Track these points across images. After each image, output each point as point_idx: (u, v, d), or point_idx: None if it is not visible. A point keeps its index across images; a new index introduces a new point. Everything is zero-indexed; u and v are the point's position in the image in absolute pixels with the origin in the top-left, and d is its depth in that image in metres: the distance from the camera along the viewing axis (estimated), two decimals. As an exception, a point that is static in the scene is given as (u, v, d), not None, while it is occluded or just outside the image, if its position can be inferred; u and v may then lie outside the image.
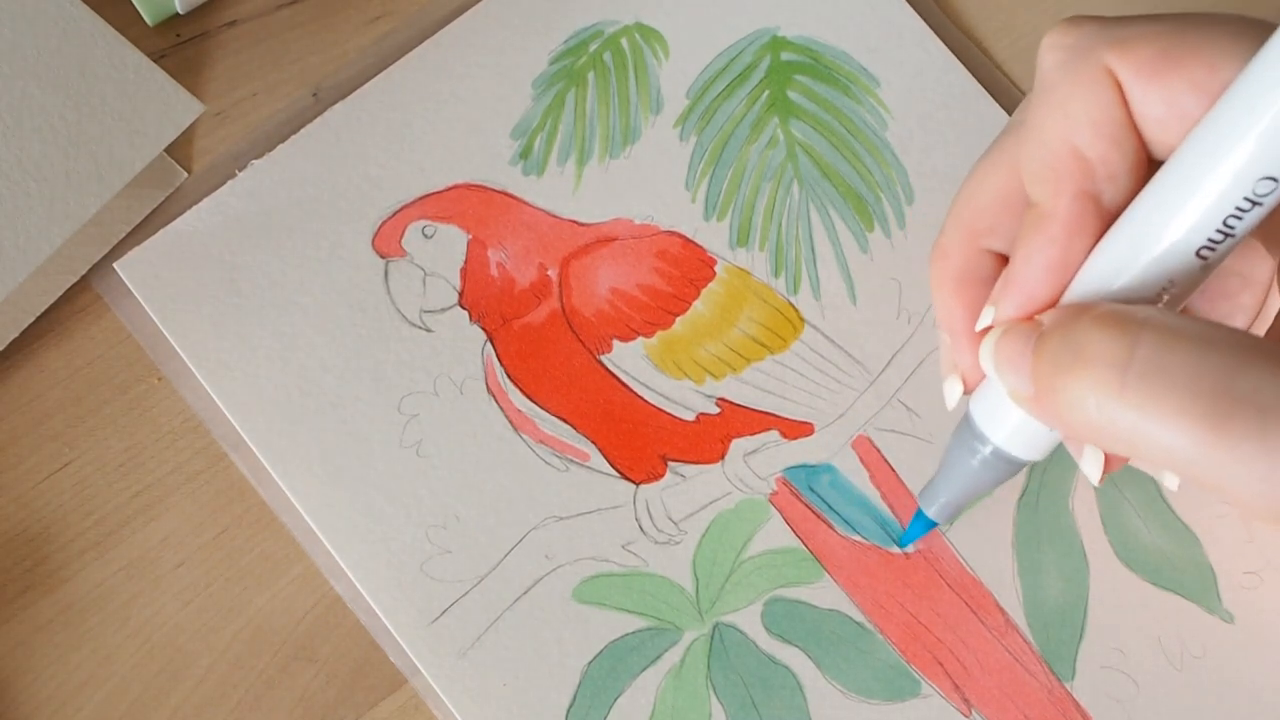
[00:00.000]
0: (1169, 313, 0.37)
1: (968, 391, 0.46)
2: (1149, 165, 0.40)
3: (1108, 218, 0.40)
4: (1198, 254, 0.38)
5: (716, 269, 0.57)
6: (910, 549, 0.53)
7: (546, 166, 0.58)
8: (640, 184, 0.58)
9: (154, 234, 0.57)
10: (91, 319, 0.57)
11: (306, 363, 0.55)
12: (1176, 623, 0.53)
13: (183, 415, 0.55)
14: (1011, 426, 0.44)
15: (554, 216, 0.57)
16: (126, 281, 0.56)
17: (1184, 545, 0.54)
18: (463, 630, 0.52)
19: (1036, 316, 0.40)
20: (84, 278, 0.56)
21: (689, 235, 0.57)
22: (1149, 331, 0.35)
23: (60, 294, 0.56)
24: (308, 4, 0.61)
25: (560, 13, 0.60)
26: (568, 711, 0.51)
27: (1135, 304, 0.39)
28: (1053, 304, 0.41)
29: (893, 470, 0.54)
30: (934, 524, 0.50)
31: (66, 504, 0.54)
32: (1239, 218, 0.37)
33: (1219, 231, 0.37)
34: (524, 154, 0.58)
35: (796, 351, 0.56)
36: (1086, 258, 0.40)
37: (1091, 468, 0.43)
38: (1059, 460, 0.54)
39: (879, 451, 0.55)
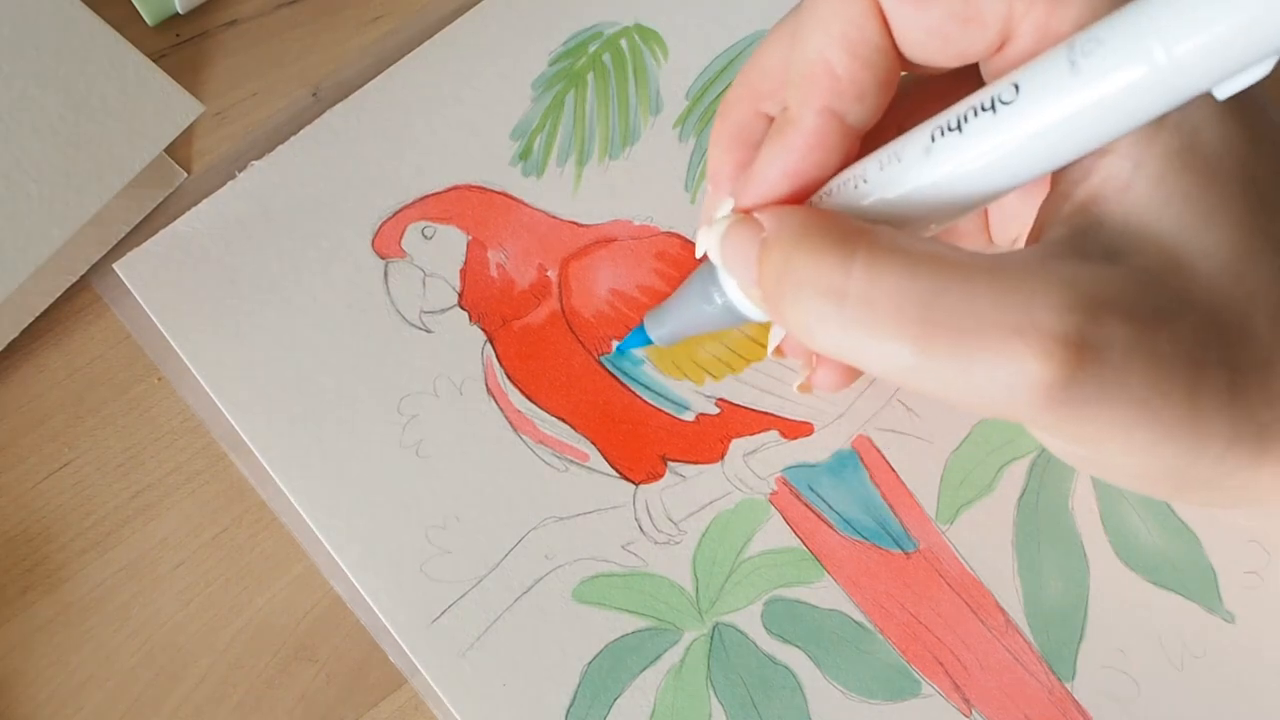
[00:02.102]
0: (883, 231, 0.38)
1: None
2: (897, 85, 0.42)
3: (851, 134, 0.41)
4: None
5: None
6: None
7: (546, 167, 0.58)
8: (640, 185, 0.58)
9: (154, 234, 0.57)
10: (91, 319, 0.57)
11: (306, 363, 0.55)
12: (1177, 622, 0.53)
13: (183, 415, 0.56)
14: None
15: (553, 217, 0.58)
16: (126, 282, 0.56)
17: (1184, 545, 0.54)
18: (462, 630, 0.52)
19: (756, 215, 0.42)
20: (84, 278, 0.57)
21: (688, 236, 0.57)
22: (861, 257, 0.37)
23: (60, 294, 0.56)
24: (308, 4, 0.62)
25: (559, 14, 0.61)
26: (567, 711, 0.51)
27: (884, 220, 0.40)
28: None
29: (893, 470, 0.54)
30: (650, 342, 0.51)
31: (66, 504, 0.54)
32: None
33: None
34: (523, 155, 0.58)
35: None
36: (823, 169, 0.42)
37: (774, 339, 0.48)
38: (1059, 460, 0.53)
39: (879, 451, 0.55)
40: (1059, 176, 0.40)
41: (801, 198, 0.42)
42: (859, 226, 0.38)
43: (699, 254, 0.47)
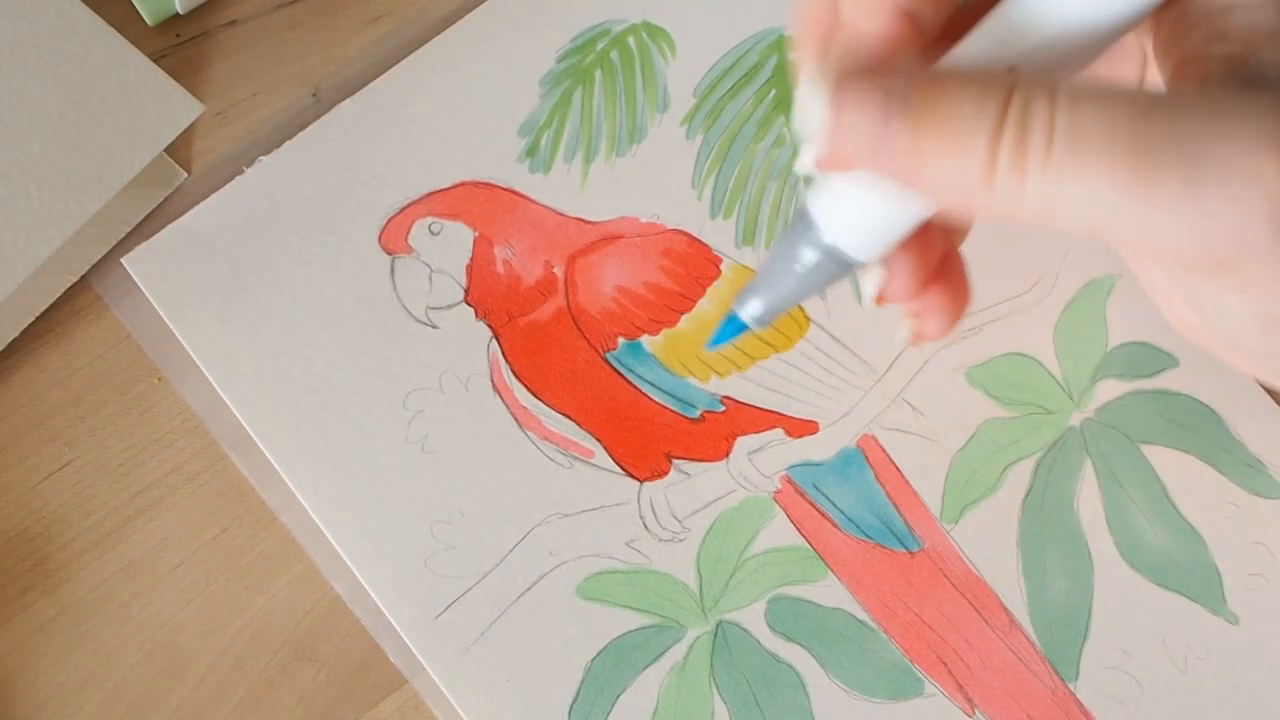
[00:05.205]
0: (1059, 79, 0.37)
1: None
2: None
3: (919, 29, 0.40)
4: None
5: (722, 267, 0.59)
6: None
7: (553, 164, 0.61)
8: (646, 182, 0.60)
9: (157, 232, 0.59)
10: (91, 319, 0.59)
11: (313, 359, 0.57)
12: (1181, 624, 0.55)
13: (183, 415, 0.58)
14: (853, 224, 0.42)
15: (560, 214, 0.60)
16: (134, 277, 0.58)
17: (1189, 546, 0.56)
18: (466, 626, 0.54)
19: (878, 78, 0.38)
20: (84, 278, 0.59)
21: (695, 233, 0.60)
22: (1063, 94, 0.36)
23: (60, 294, 0.58)
24: (308, 4, 0.64)
25: (568, 11, 0.63)
26: (570, 708, 0.53)
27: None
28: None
29: (897, 469, 0.57)
30: (745, 327, 0.46)
31: (66, 504, 0.57)
32: None
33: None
34: (530, 152, 0.61)
35: (802, 350, 0.58)
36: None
37: (871, 287, 0.45)
38: (1064, 460, 0.57)
39: (884, 450, 0.57)
40: (1178, 49, 0.40)
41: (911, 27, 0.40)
42: (1031, 75, 0.37)
43: (803, 168, 0.43)
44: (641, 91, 0.62)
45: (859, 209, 0.41)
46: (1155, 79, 0.45)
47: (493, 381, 0.58)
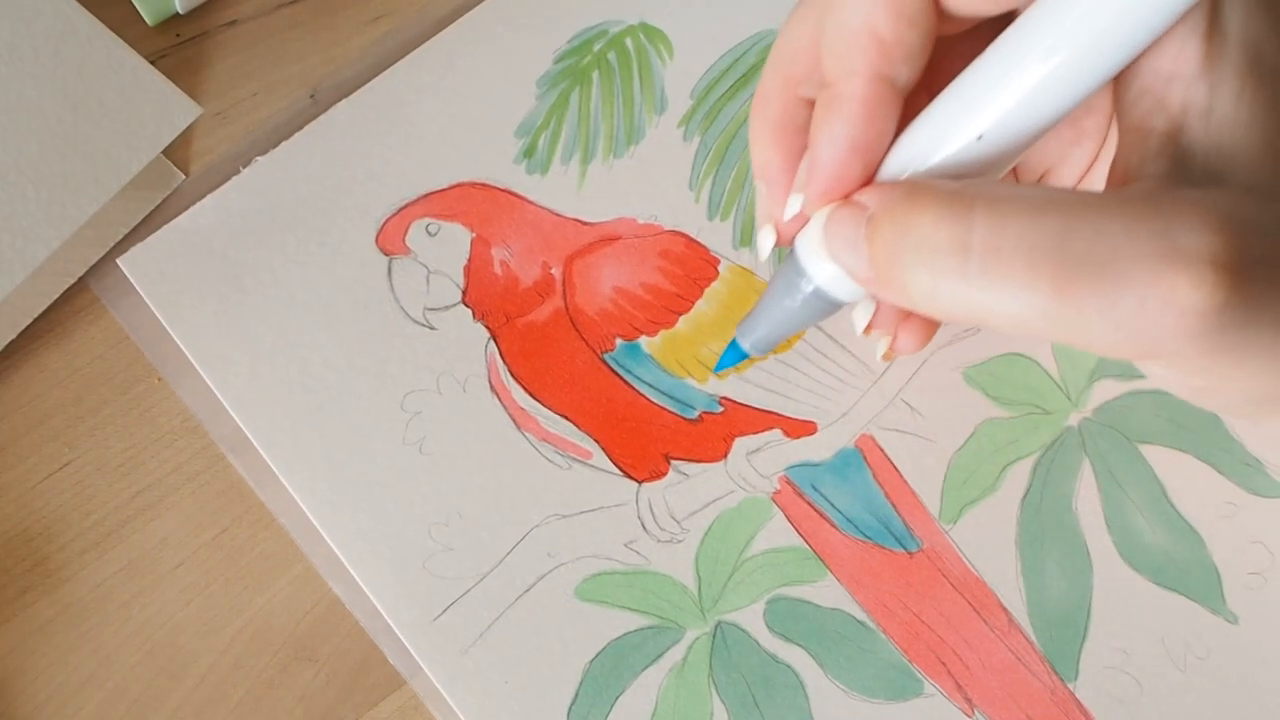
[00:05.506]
0: (997, 183, 0.39)
1: (781, 243, 0.48)
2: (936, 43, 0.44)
3: (901, 97, 0.43)
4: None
5: (720, 268, 0.59)
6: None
7: (550, 165, 0.61)
8: (644, 183, 0.61)
9: (154, 232, 0.60)
10: (91, 319, 0.60)
11: (310, 359, 0.58)
12: (1180, 623, 0.55)
13: (182, 416, 0.58)
14: (834, 270, 0.44)
15: (558, 215, 0.60)
16: (130, 277, 0.59)
17: (1188, 545, 0.56)
18: (465, 628, 0.54)
19: (857, 198, 0.42)
20: (81, 279, 0.59)
21: (692, 235, 0.60)
22: (980, 210, 0.38)
23: (59, 295, 0.59)
24: (308, 4, 0.65)
25: (565, 12, 0.63)
26: (569, 709, 0.54)
27: (958, 175, 0.41)
28: (863, 183, 0.43)
29: (896, 469, 0.57)
30: (746, 355, 0.50)
31: (66, 504, 0.57)
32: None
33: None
34: (528, 153, 0.61)
35: (800, 351, 0.58)
36: (885, 136, 0.43)
37: (861, 319, 0.48)
38: (1062, 460, 0.57)
39: (882, 450, 0.57)
40: (1128, 115, 0.42)
41: (870, 170, 0.43)
42: (967, 184, 0.39)
43: (763, 256, 0.49)
44: (639, 93, 0.63)
45: None
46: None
47: (490, 382, 0.58)
